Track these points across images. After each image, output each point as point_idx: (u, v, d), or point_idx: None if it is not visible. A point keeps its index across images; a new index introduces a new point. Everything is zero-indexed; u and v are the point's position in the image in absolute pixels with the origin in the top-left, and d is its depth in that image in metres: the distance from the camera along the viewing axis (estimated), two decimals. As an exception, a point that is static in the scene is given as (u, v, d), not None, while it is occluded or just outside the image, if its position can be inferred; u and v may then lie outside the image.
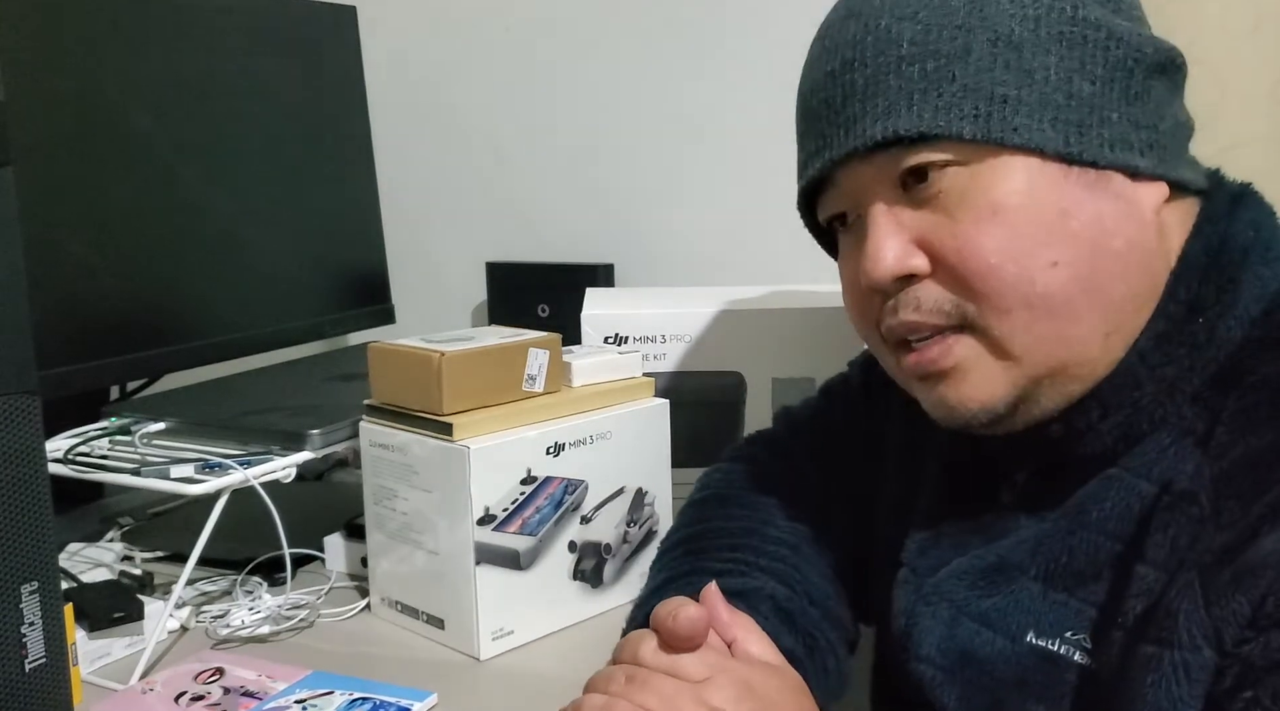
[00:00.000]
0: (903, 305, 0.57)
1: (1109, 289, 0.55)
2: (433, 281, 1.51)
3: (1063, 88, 0.54)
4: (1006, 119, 0.54)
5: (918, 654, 0.61)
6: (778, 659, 0.58)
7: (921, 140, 0.55)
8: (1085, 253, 0.54)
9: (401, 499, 0.79)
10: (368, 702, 0.69)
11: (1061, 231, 0.54)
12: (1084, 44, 0.55)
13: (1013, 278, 0.54)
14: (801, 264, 1.34)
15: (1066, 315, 0.54)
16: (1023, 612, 0.57)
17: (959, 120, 0.54)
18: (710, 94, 1.35)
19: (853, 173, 0.58)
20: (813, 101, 0.59)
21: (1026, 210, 0.54)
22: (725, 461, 0.83)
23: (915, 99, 0.54)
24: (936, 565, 0.63)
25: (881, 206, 0.57)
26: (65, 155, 0.93)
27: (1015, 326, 0.55)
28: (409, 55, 1.48)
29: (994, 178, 0.54)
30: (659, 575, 0.71)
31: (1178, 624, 0.49)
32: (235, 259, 1.10)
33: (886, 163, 0.56)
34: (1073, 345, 0.55)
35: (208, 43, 1.07)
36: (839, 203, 0.61)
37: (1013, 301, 0.54)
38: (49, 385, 0.80)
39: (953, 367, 0.57)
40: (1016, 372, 0.56)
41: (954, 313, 0.56)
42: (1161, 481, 0.54)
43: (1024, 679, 0.57)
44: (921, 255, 0.56)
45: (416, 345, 0.78)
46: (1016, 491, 0.62)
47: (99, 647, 0.75)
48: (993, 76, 0.54)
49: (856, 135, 0.56)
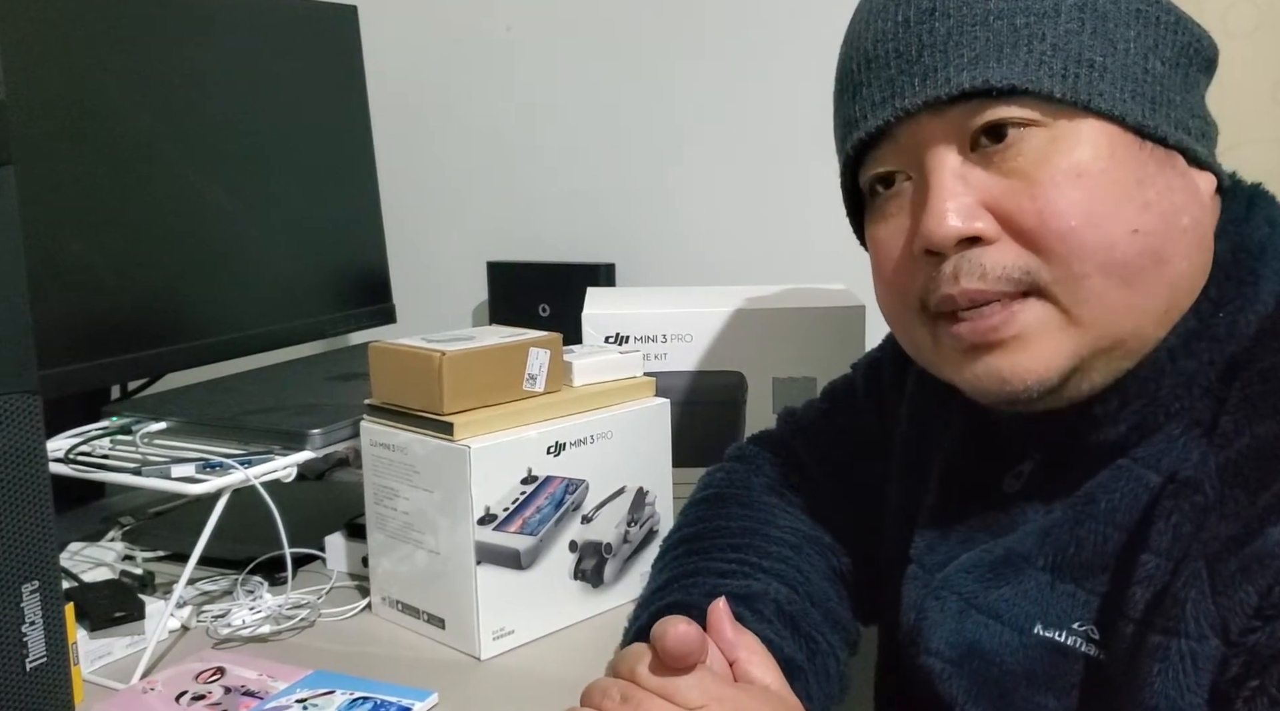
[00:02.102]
0: (965, 272, 0.55)
1: (1175, 263, 0.55)
2: (433, 281, 1.52)
3: (1140, 62, 0.54)
4: (1093, 83, 0.53)
5: (927, 647, 0.61)
6: (779, 681, 0.58)
7: (1007, 95, 0.53)
8: (1159, 224, 0.54)
9: (402, 498, 0.79)
10: (368, 702, 0.69)
11: (1139, 200, 0.53)
12: (1157, 25, 0.55)
13: (1093, 242, 0.53)
14: (802, 264, 1.34)
15: (1138, 285, 0.54)
16: (1030, 603, 0.57)
17: (1048, 78, 0.53)
18: (711, 94, 1.35)
19: (919, 126, 0.56)
20: (877, 50, 0.57)
21: (1108, 174, 0.53)
22: (728, 461, 0.83)
23: (1006, 51, 0.53)
24: (945, 560, 0.63)
25: (949, 163, 0.55)
26: (65, 155, 0.93)
27: (1090, 292, 0.53)
28: (409, 55, 1.48)
29: (1076, 140, 0.54)
30: (661, 574, 0.71)
31: (1185, 613, 0.49)
32: (236, 258, 1.10)
33: (961, 117, 0.55)
34: (1138, 316, 0.55)
35: (208, 42, 1.07)
36: (893, 159, 0.58)
37: (1090, 266, 0.53)
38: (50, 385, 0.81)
39: (1014, 336, 0.55)
40: (1079, 341, 0.55)
41: (1023, 280, 0.54)
42: (1168, 471, 0.54)
43: (1032, 670, 0.57)
44: (989, 217, 0.54)
45: (417, 345, 0.78)
46: (1023, 481, 0.62)
47: (100, 647, 0.75)
48: (1080, 40, 0.53)
49: (939, 84, 0.54)
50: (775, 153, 1.34)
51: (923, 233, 0.55)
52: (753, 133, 1.34)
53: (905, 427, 0.73)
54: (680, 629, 0.52)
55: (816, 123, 1.32)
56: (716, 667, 0.56)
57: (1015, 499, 0.62)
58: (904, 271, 0.59)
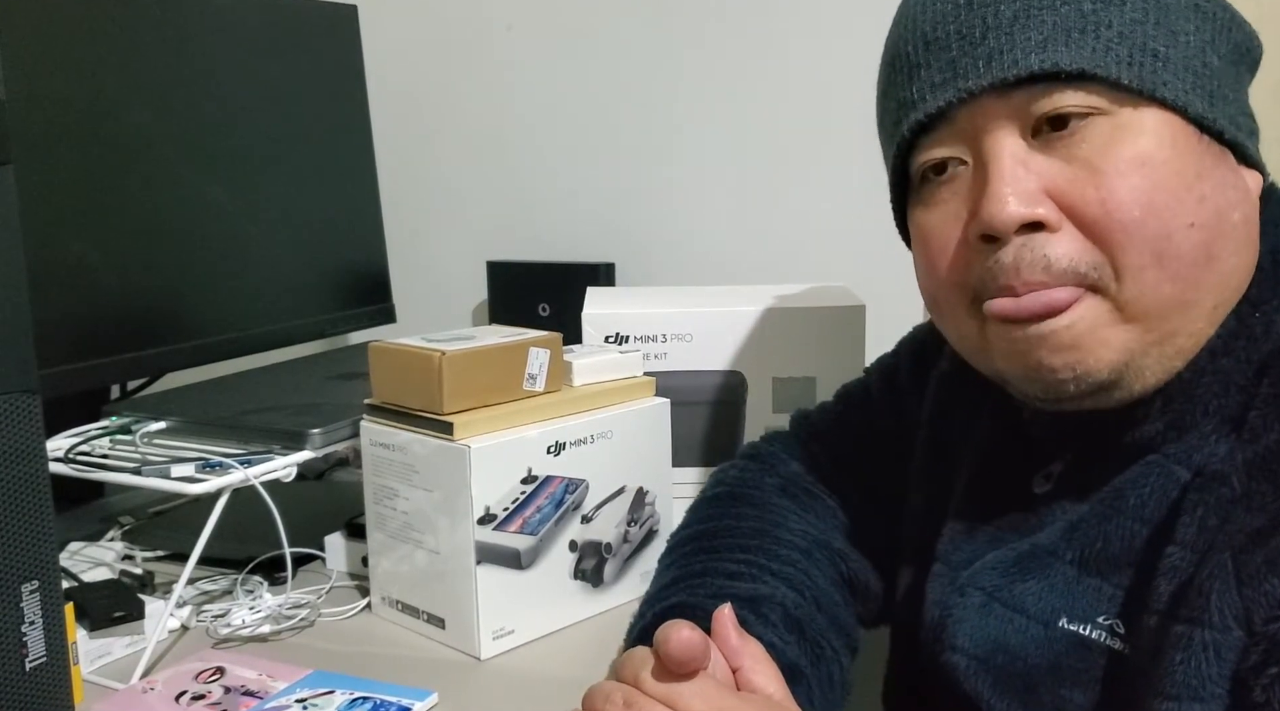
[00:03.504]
0: (1027, 265, 0.54)
1: (1225, 259, 0.54)
2: (433, 281, 1.52)
3: (1199, 55, 0.54)
4: (1158, 72, 0.53)
5: (951, 644, 0.60)
6: (782, 691, 0.57)
7: (1074, 80, 0.53)
8: (1213, 219, 0.54)
9: (402, 498, 0.79)
10: (368, 702, 0.69)
11: (1197, 193, 0.53)
12: (1214, 20, 0.55)
13: (1153, 233, 0.52)
14: (801, 264, 1.34)
15: (1191, 279, 0.53)
16: (1056, 596, 0.57)
17: (1114, 64, 0.53)
18: (710, 94, 1.35)
19: (980, 110, 0.55)
20: (937, 32, 0.56)
21: (1171, 165, 0.53)
22: (741, 458, 0.83)
23: (1074, 36, 0.53)
24: (970, 558, 0.63)
25: (1010, 148, 0.54)
26: (65, 155, 0.93)
27: (1145, 285, 0.53)
28: (409, 55, 1.48)
29: (1140, 129, 0.53)
30: (668, 572, 0.71)
31: (1209, 603, 0.49)
32: (236, 258, 1.10)
33: (1025, 101, 0.54)
34: (1189, 311, 0.54)
35: (208, 42, 1.07)
36: (951, 144, 0.57)
37: (1148, 259, 0.52)
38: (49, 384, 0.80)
39: (1066, 327, 0.54)
40: (1130, 336, 0.54)
41: (1090, 274, 0.53)
42: (1196, 466, 0.54)
43: (1057, 664, 0.57)
44: (1051, 204, 0.54)
45: (417, 344, 0.78)
46: (1053, 482, 0.61)
47: (99, 647, 0.75)
48: (1145, 29, 0.53)
49: (1006, 66, 0.53)
50: (775, 153, 1.34)
51: (982, 217, 0.54)
52: (753, 133, 1.34)
53: (927, 431, 0.73)
54: (684, 634, 0.52)
55: (817, 123, 1.32)
56: (720, 674, 0.55)
57: (1044, 499, 0.61)
58: (957, 260, 0.58)
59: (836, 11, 1.28)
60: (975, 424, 0.69)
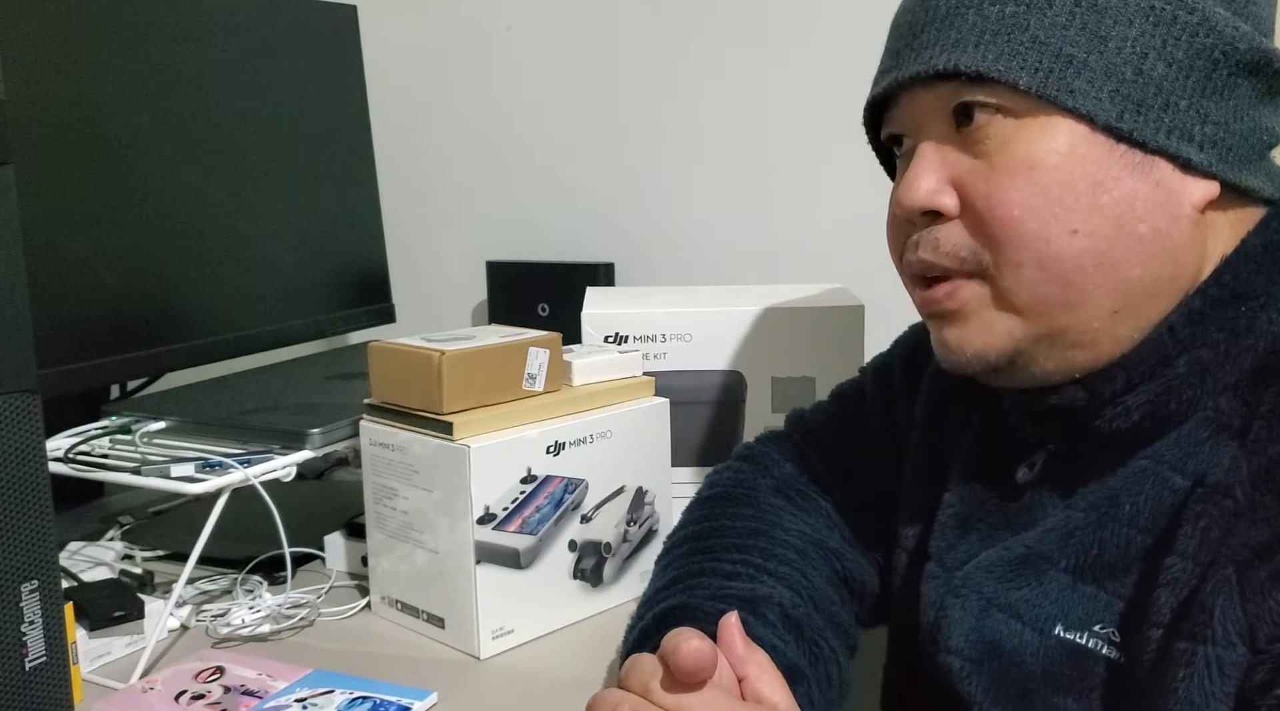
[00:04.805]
0: (923, 243, 0.58)
1: (1123, 269, 0.55)
2: (433, 280, 1.52)
3: (1133, 62, 0.54)
4: (1066, 79, 0.54)
5: (947, 646, 0.60)
6: (787, 700, 0.57)
7: (980, 80, 0.55)
8: (1107, 228, 0.54)
9: (402, 498, 0.80)
10: (368, 701, 0.69)
11: (1089, 202, 0.54)
12: (1172, 23, 0.54)
13: (1030, 234, 0.54)
14: (801, 264, 1.34)
15: (1074, 283, 0.55)
16: (1051, 604, 0.57)
17: (1019, 69, 0.54)
18: (710, 93, 1.35)
19: (915, 98, 0.59)
20: (900, 20, 0.60)
21: (1060, 171, 0.54)
22: (735, 460, 0.83)
23: (985, 39, 0.55)
24: (965, 558, 0.63)
25: (931, 139, 0.58)
26: (65, 155, 0.93)
27: (1023, 282, 0.55)
28: (409, 55, 1.48)
29: (1038, 134, 0.54)
30: (666, 573, 0.71)
31: (1213, 619, 0.49)
32: (235, 258, 1.10)
33: (945, 95, 0.57)
34: (1075, 312, 0.56)
35: (208, 42, 1.07)
36: (899, 124, 0.62)
37: (1025, 257, 0.55)
38: (49, 384, 0.81)
39: (957, 310, 0.58)
40: (1014, 325, 0.57)
41: (969, 260, 0.57)
42: (1196, 475, 0.54)
43: (1051, 671, 0.57)
44: (953, 195, 0.57)
45: (417, 344, 0.78)
46: (1035, 472, 0.62)
47: (99, 646, 0.75)
48: (1066, 34, 0.54)
49: (922, 61, 0.57)
50: (775, 152, 1.34)
51: (893, 197, 0.60)
52: (752, 132, 1.34)
53: (920, 430, 0.73)
54: (693, 645, 0.51)
55: (817, 122, 1.32)
56: (724, 680, 0.55)
57: (1031, 492, 0.62)
58: (896, 231, 0.62)
59: (836, 11, 1.28)
60: (967, 422, 0.69)
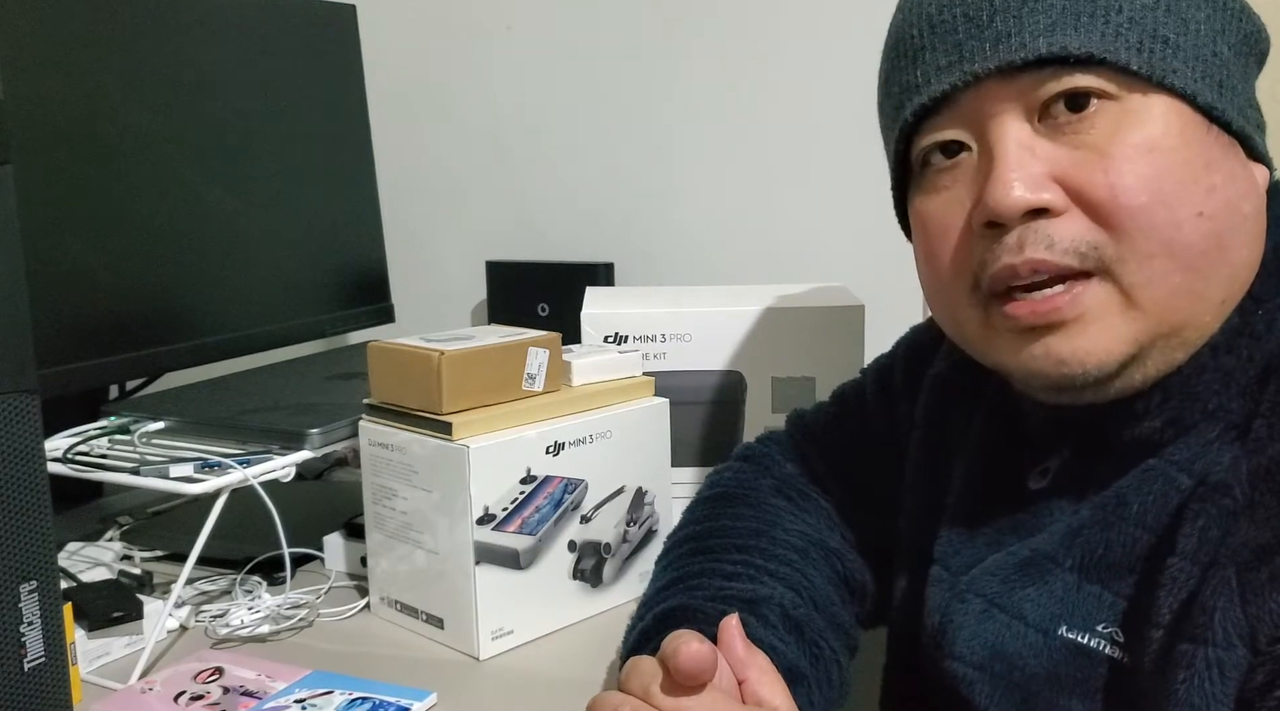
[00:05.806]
0: (1030, 243, 0.53)
1: (1235, 251, 0.54)
2: (433, 280, 1.52)
3: (1210, 44, 0.54)
4: (1167, 60, 0.53)
5: (951, 652, 0.60)
6: (787, 703, 0.57)
7: (1081, 64, 0.52)
8: (1223, 209, 0.53)
9: (401, 498, 0.79)
10: (367, 702, 0.69)
11: (1207, 183, 0.53)
12: (1224, 10, 0.55)
13: (1161, 220, 0.52)
14: (801, 263, 1.34)
15: (1200, 269, 0.53)
16: (1055, 604, 0.57)
17: (1125, 49, 0.52)
18: (710, 93, 1.35)
19: (985, 93, 0.54)
20: (943, 15, 0.56)
21: (1178, 153, 0.52)
22: (735, 460, 0.83)
23: (1083, 20, 0.52)
24: (970, 562, 0.62)
25: (1016, 132, 0.54)
26: (65, 155, 0.93)
27: (1154, 274, 0.52)
28: (409, 55, 1.48)
29: (1149, 116, 0.53)
30: (666, 573, 0.71)
31: (1213, 621, 0.49)
32: (235, 258, 1.10)
33: (1031, 85, 0.53)
34: (1197, 303, 0.54)
35: (207, 42, 1.07)
36: (955, 127, 0.57)
37: (1156, 246, 0.52)
38: (48, 384, 0.81)
39: (1076, 317, 0.53)
40: (1140, 326, 0.53)
41: (1090, 255, 0.52)
42: (1200, 474, 0.54)
43: (1056, 672, 0.56)
44: (1057, 189, 0.53)
45: (416, 344, 0.78)
46: (1049, 478, 0.61)
47: (98, 647, 0.75)
48: (1155, 15, 0.53)
49: (1013, 49, 0.53)
50: (775, 152, 1.34)
51: (986, 203, 0.54)
52: (752, 132, 1.34)
53: (921, 431, 0.73)
54: (694, 647, 0.51)
55: (817, 122, 1.32)
56: (725, 683, 0.55)
57: (1041, 497, 0.61)
58: (959, 248, 0.57)
59: (836, 11, 1.28)
60: (970, 424, 0.68)
